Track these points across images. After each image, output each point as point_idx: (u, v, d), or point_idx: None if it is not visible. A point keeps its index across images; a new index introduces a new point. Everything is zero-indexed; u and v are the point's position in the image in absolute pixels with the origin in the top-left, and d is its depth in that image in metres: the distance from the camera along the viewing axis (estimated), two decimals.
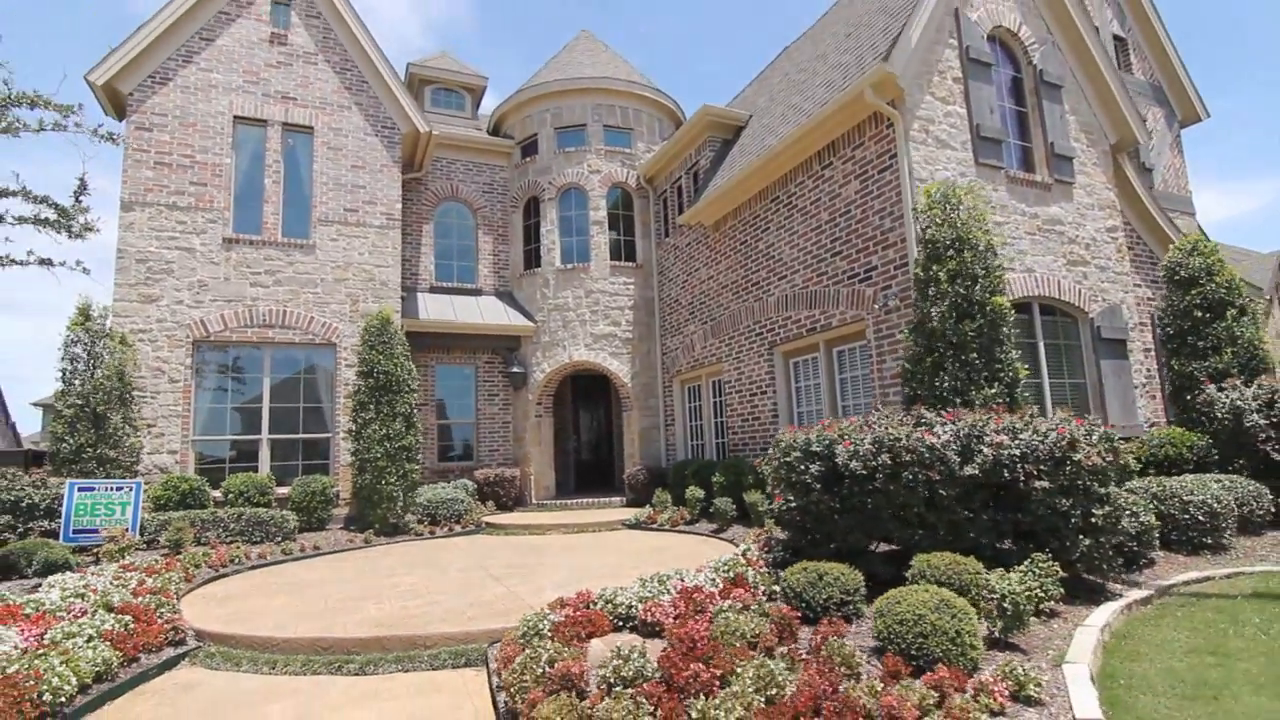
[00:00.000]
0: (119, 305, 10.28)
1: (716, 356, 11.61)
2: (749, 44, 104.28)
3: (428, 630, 4.89)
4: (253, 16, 11.75)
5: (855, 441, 5.00)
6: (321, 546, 9.21)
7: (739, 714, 2.86)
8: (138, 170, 10.62)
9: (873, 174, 8.23)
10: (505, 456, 13.79)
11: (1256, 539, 6.35)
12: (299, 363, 11.52)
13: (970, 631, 3.62)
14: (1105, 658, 4.10)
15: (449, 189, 14.39)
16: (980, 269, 6.09)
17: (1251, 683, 3.62)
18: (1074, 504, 4.81)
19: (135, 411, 9.80)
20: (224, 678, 4.62)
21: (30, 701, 3.69)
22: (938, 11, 8.24)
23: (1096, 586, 5.13)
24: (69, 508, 7.67)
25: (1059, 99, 9.11)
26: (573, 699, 3.18)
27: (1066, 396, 8.55)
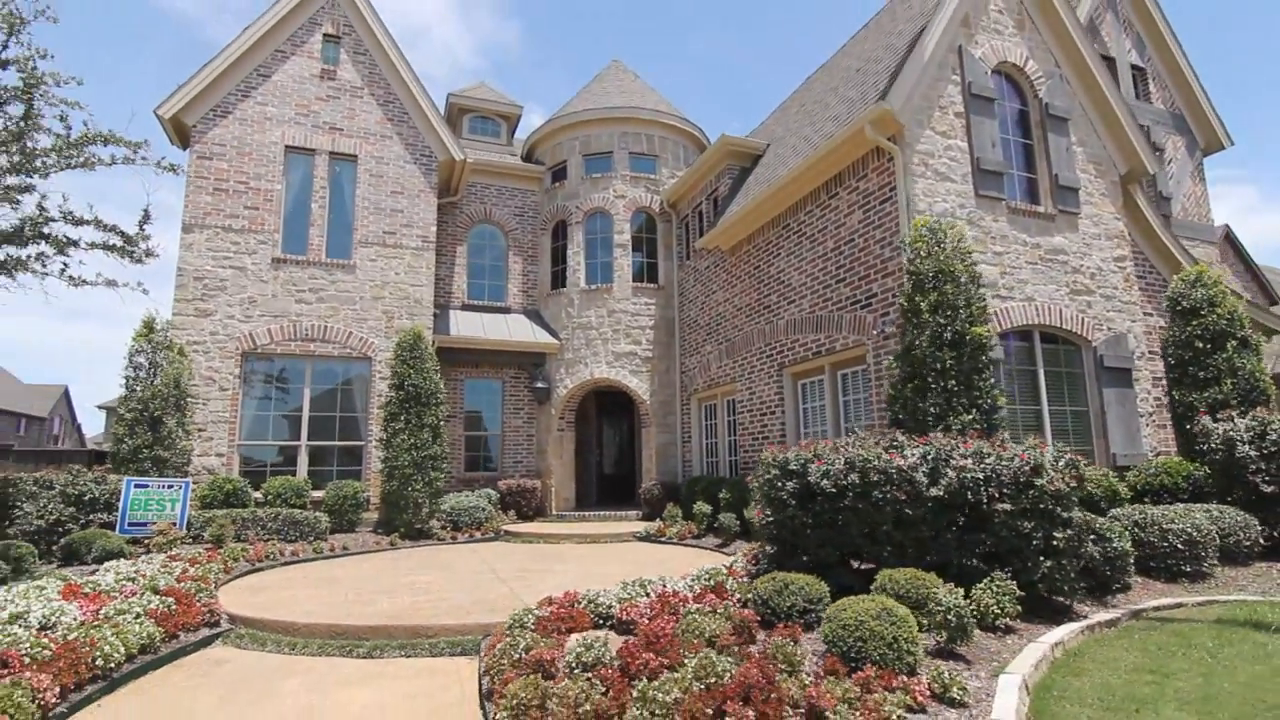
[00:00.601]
0: (177, 319, 11.23)
1: (730, 376, 11.98)
2: (793, 59, 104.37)
3: (430, 622, 5.39)
4: (305, 54, 12.75)
5: (828, 461, 5.34)
6: (350, 547, 9.85)
7: (675, 694, 3.26)
8: (198, 195, 11.62)
9: (874, 205, 8.57)
10: (528, 468, 14.35)
11: (1242, 569, 6.41)
12: (337, 375, 12.32)
13: (907, 638, 3.94)
14: (1049, 672, 4.34)
15: (482, 212, 15.16)
16: (961, 301, 6.37)
17: (1178, 699, 3.84)
18: (1036, 527, 5.06)
19: (188, 417, 10.67)
20: (251, 656, 5.20)
21: (85, 664, 4.31)
22: (939, 50, 8.57)
23: (1063, 608, 5.33)
24: (125, 502, 8.48)
25: (1065, 131, 9.30)
26: (538, 679, 3.62)
27: (1068, 424, 8.66)
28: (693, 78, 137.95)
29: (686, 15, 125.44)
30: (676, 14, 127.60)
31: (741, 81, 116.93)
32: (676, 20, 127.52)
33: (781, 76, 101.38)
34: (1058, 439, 8.54)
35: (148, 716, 4.07)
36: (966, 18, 8.99)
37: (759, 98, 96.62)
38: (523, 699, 3.48)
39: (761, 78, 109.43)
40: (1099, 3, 11.89)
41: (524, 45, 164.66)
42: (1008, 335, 8.39)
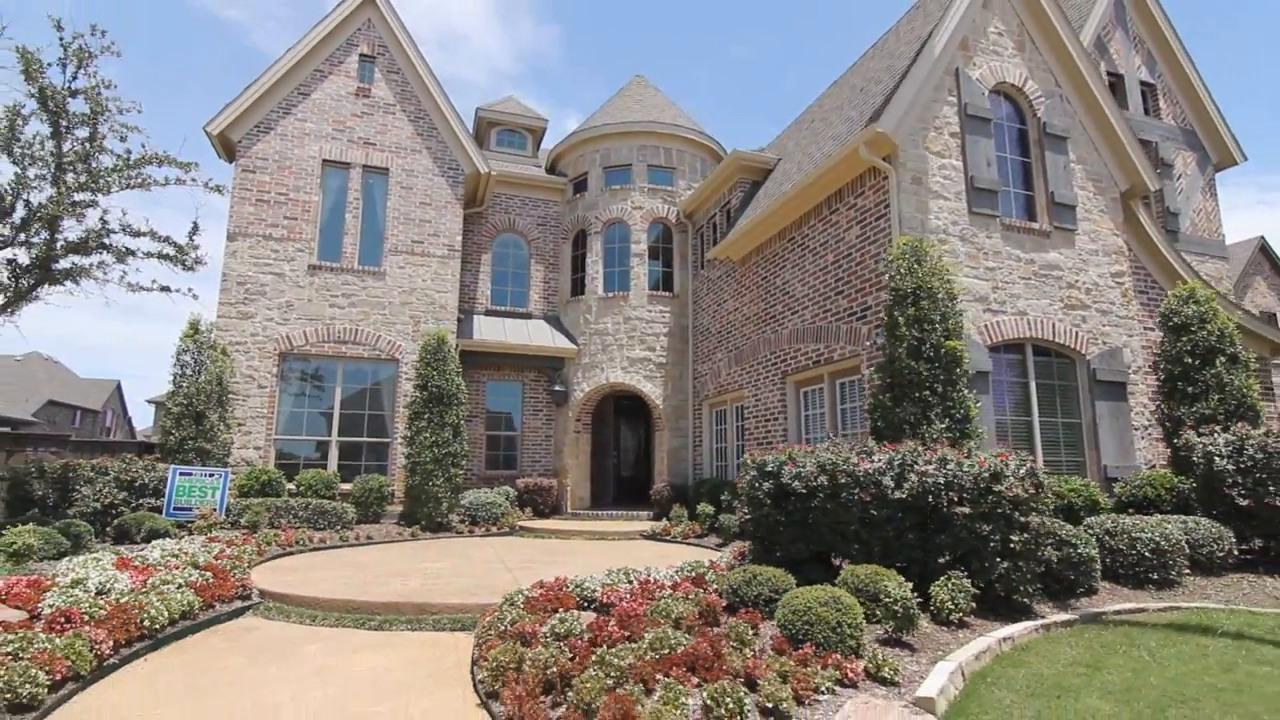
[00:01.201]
0: (221, 321, 12.09)
1: (739, 383, 12.38)
2: (829, 61, 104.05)
3: (436, 601, 5.96)
4: (343, 73, 13.58)
5: (799, 464, 5.76)
6: (374, 537, 10.53)
7: (630, 660, 3.74)
8: (242, 206, 12.49)
9: (870, 221, 8.94)
10: (545, 468, 14.94)
11: (1213, 579, 6.62)
12: (366, 375, 13.08)
13: (851, 624, 4.35)
14: (991, 662, 4.69)
15: (507, 222, 15.84)
16: (938, 316, 6.71)
17: (1102, 689, 4.18)
18: (994, 530, 5.40)
19: (229, 412, 11.50)
20: (277, 625, 5.84)
21: (134, 624, 4.97)
22: (935, 72, 8.90)
23: (1023, 607, 5.64)
24: (171, 489, 9.27)
25: (1063, 149, 9.53)
26: (517, 645, 4.14)
27: (1059, 435, 8.89)
28: (734, 81, 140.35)
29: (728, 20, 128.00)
30: (718, 19, 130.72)
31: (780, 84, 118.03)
32: (718, 24, 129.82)
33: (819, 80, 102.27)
34: (1049, 450, 8.78)
35: (187, 671, 4.70)
36: (965, 40, 9.30)
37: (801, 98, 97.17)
38: (502, 661, 4.01)
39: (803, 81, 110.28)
40: (1108, 20, 12.03)
41: (563, 50, 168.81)
42: (999, 348, 8.66)
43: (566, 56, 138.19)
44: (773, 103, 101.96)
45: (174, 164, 8.19)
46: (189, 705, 4.09)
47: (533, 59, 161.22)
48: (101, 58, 7.68)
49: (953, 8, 9.03)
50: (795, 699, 3.58)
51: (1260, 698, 4.01)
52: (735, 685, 3.48)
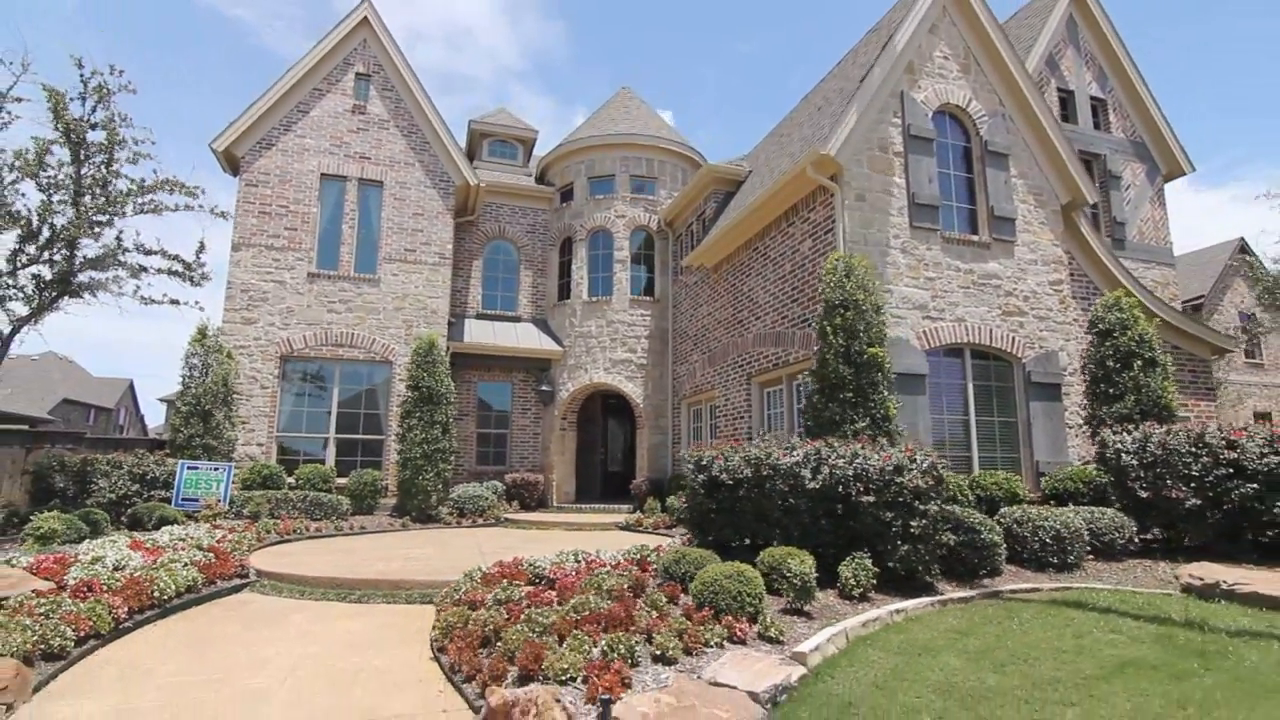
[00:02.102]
0: (226, 326, 12.95)
1: (711, 384, 13.12)
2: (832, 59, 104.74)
3: (409, 579, 6.76)
4: (340, 91, 14.40)
5: (726, 458, 6.51)
6: (367, 527, 11.35)
7: (553, 619, 4.51)
8: (245, 218, 13.34)
9: (820, 235, 9.65)
10: (533, 463, 15.73)
11: (1113, 564, 7.31)
12: (362, 377, 13.90)
13: (751, 593, 5.09)
14: (879, 629, 5.42)
15: (497, 230, 16.63)
16: (861, 325, 7.41)
17: (961, 650, 4.91)
18: (895, 516, 6.13)
19: (234, 411, 12.34)
20: (270, 599, 6.64)
21: (146, 595, 5.77)
22: (880, 96, 9.60)
23: (926, 585, 6.37)
24: (179, 481, 10.12)
25: (1004, 166, 10.20)
26: (465, 609, 4.92)
27: (995, 433, 9.58)
28: (739, 78, 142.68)
29: (733, 16, 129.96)
30: (722, 15, 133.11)
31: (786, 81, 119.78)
32: (722, 21, 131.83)
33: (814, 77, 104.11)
34: (985, 446, 9.49)
35: (190, 633, 5.51)
36: (911, 65, 9.99)
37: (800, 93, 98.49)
38: (451, 622, 4.79)
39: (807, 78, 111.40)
40: (1060, 39, 12.66)
41: (568, 47, 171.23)
42: (937, 352, 9.36)
43: (572, 53, 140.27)
44: (778, 100, 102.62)
45: (182, 190, 9.03)
46: (191, 658, 4.89)
47: (538, 55, 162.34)
48: (117, 94, 8.53)
49: (897, 35, 9.72)
50: (685, 650, 4.34)
51: (1094, 658, 4.72)
52: (630, 636, 4.24)
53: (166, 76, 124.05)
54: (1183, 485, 7.25)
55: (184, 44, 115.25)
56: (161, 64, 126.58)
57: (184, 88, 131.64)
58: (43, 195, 8.29)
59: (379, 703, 4.12)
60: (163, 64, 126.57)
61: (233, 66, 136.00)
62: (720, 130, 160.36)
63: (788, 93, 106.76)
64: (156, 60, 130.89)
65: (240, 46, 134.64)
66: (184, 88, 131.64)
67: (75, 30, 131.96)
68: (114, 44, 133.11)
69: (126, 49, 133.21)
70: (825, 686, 4.18)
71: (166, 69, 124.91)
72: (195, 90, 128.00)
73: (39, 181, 8.28)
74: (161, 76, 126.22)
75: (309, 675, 4.57)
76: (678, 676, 4.02)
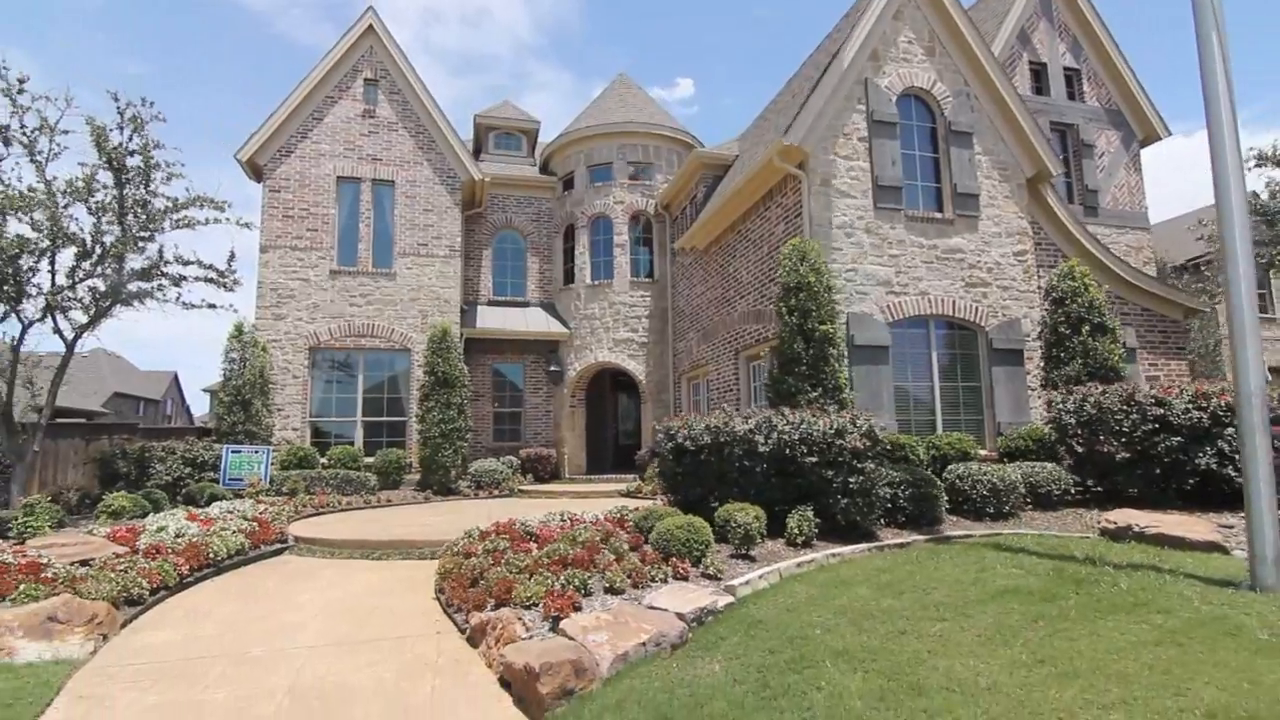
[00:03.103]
0: (259, 322, 14.16)
1: (706, 359, 13.97)
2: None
3: (422, 539, 7.85)
4: (350, 98, 15.35)
5: (690, 427, 7.41)
6: (392, 500, 12.55)
7: (526, 562, 5.51)
8: (271, 222, 14.47)
9: (791, 218, 10.37)
10: (546, 439, 16.82)
11: (1048, 513, 8.07)
12: (384, 364, 15.06)
13: (700, 541, 6.02)
14: (813, 570, 6.32)
15: (504, 220, 17.55)
16: (813, 305, 8.17)
17: (874, 583, 5.78)
18: (836, 474, 6.98)
19: (270, 399, 13.60)
20: (304, 559, 7.80)
21: (202, 556, 6.94)
22: (845, 84, 10.20)
23: (868, 533, 7.23)
24: (225, 464, 11.39)
25: (968, 144, 10.74)
26: (459, 558, 5.95)
27: (960, 397, 10.30)
28: (755, 43, 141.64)
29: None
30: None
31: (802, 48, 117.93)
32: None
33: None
34: (949, 410, 10.22)
35: (240, 586, 6.67)
36: (875, 52, 10.54)
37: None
38: (448, 568, 5.83)
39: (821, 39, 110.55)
40: (1032, 13, 12.96)
41: (584, 19, 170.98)
42: (902, 324, 10.07)
43: (588, 27, 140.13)
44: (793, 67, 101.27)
45: (212, 204, 10.14)
46: (241, 602, 6.03)
47: (554, 29, 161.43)
48: (149, 123, 9.64)
49: (859, 25, 10.27)
50: (634, 584, 5.30)
51: (985, 588, 5.53)
52: (587, 573, 5.23)
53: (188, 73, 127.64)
54: (1114, 440, 7.94)
55: (203, 38, 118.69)
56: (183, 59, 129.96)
57: (206, 82, 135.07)
58: (93, 218, 9.49)
59: (389, 629, 5.19)
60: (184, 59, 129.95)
61: (251, 58, 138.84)
62: (741, 96, 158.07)
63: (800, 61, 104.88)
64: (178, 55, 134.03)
65: (258, 36, 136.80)
66: (206, 82, 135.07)
67: (100, 29, 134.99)
68: (135, 41, 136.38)
69: (148, 46, 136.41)
70: (745, 610, 5.12)
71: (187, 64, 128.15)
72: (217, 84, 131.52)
73: (89, 205, 9.47)
74: (183, 72, 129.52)
75: (335, 613, 5.66)
76: (621, 603, 4.99)
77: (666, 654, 4.37)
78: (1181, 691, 3.47)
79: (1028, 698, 3.52)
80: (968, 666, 3.95)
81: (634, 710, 3.59)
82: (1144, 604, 4.93)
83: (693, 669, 4.11)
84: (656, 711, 3.56)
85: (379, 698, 3.98)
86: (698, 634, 4.72)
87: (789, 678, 3.91)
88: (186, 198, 10.02)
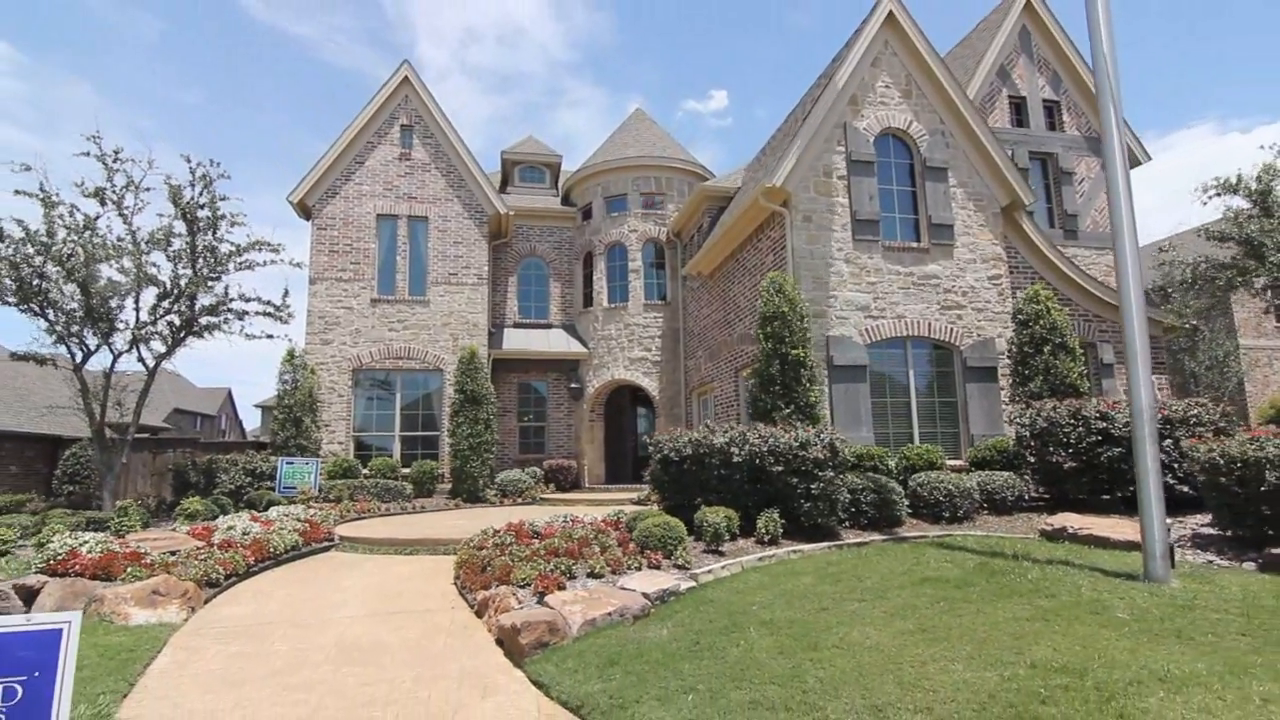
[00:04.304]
0: (308, 347, 15.78)
1: (711, 376, 15.05)
2: None
3: (446, 536, 9.11)
4: (388, 142, 16.98)
5: (675, 440, 8.52)
6: (426, 507, 13.90)
7: (526, 553, 6.69)
8: (319, 256, 16.12)
9: (778, 250, 11.44)
10: (567, 450, 18.06)
11: (1002, 517, 8.92)
12: (419, 383, 16.53)
13: (674, 537, 7.11)
14: (773, 563, 7.33)
15: (529, 248, 18.97)
16: (786, 332, 9.21)
17: (819, 573, 6.78)
18: (800, 481, 8.00)
19: (318, 416, 15.14)
20: (348, 555, 9.14)
21: (265, 550, 8.31)
22: (825, 128, 11.26)
23: (832, 533, 8.22)
24: (280, 474, 12.90)
25: (943, 179, 11.67)
26: (474, 550, 7.17)
27: (936, 411, 11.17)
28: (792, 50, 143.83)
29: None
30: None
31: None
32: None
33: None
34: (926, 423, 11.10)
35: (296, 574, 8.01)
36: (854, 97, 11.58)
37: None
38: (463, 558, 7.06)
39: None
40: (1012, 50, 13.81)
41: (616, 33, 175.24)
42: (880, 345, 11.02)
43: (621, 40, 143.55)
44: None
45: (269, 248, 11.75)
46: (297, 587, 7.35)
47: (587, 45, 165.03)
48: (216, 180, 11.32)
49: (837, 75, 11.33)
50: (612, 571, 6.44)
51: (911, 577, 6.48)
52: (574, 562, 6.38)
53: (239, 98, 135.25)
54: (1062, 450, 8.77)
55: (246, 64, 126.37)
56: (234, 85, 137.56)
57: (256, 106, 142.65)
58: (170, 264, 11.17)
59: (414, 605, 6.42)
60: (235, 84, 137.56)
61: (298, 84, 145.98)
62: (775, 106, 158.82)
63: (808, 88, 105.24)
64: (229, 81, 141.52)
65: (303, 61, 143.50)
66: (256, 106, 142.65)
67: (158, 59, 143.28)
68: (190, 71, 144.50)
69: (203, 74, 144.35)
70: (703, 593, 6.20)
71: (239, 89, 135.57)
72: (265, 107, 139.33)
73: (167, 253, 11.14)
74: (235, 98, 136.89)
75: (372, 593, 6.93)
76: (599, 584, 6.13)
77: (629, 623, 5.48)
78: (1022, 651, 4.44)
79: (898, 654, 4.52)
80: (863, 633, 4.97)
81: (591, 657, 4.73)
82: (1038, 591, 5.86)
83: (645, 632, 5.22)
84: (607, 657, 4.69)
85: (403, 649, 5.20)
86: (658, 609, 5.82)
87: (718, 639, 4.99)
88: (247, 242, 11.66)
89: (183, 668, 4.94)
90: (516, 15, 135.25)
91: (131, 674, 4.68)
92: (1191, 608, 5.28)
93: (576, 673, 4.47)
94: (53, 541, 7.17)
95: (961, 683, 4.00)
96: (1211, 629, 4.82)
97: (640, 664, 4.57)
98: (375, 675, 4.67)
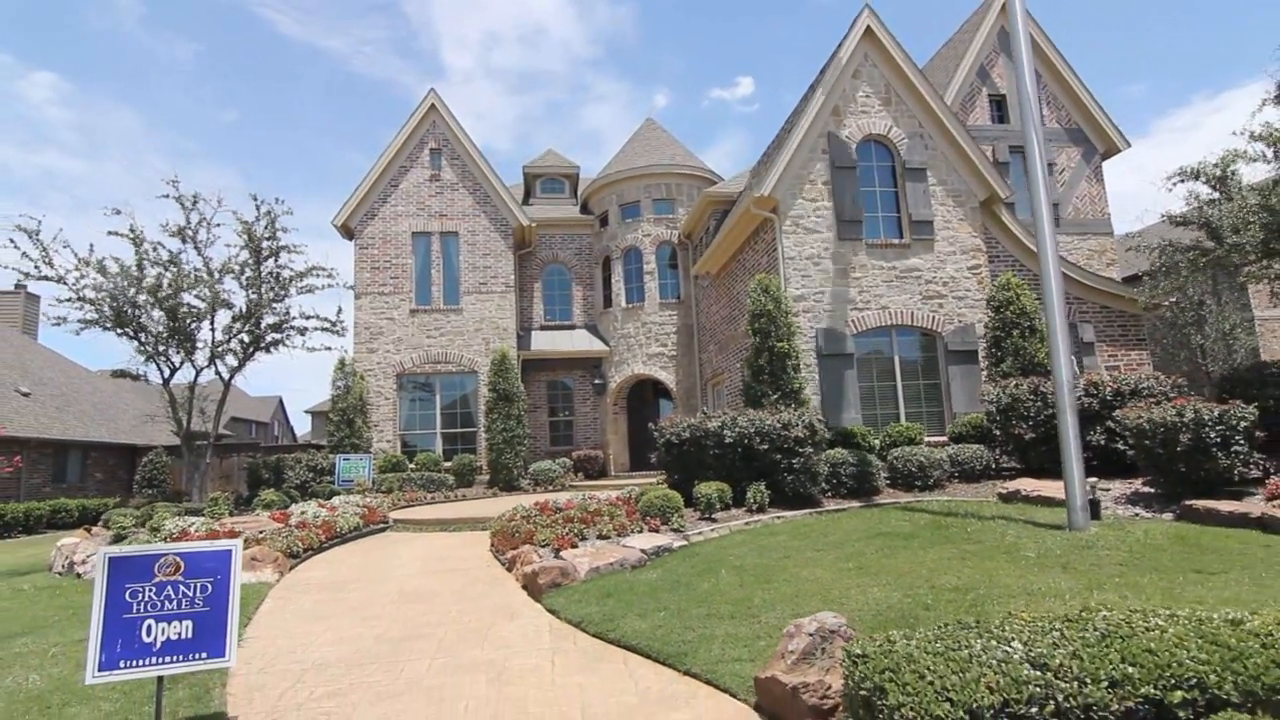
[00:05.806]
0: (356, 355, 17.49)
1: (721, 368, 16.27)
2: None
3: (483, 515, 10.59)
4: (419, 165, 18.58)
5: (675, 425, 9.80)
6: (466, 495, 15.47)
7: (546, 522, 8.07)
8: (362, 273, 17.81)
9: (771, 251, 12.60)
10: (594, 442, 19.49)
11: (971, 485, 9.97)
12: (457, 384, 18.12)
13: (673, 507, 8.40)
14: (759, 527, 8.57)
15: (551, 255, 20.41)
16: (772, 328, 10.39)
17: (792, 533, 8.00)
18: (783, 457, 9.21)
19: (368, 417, 16.84)
20: (401, 533, 10.69)
21: (333, 530, 9.89)
22: (811, 136, 12.36)
23: (815, 501, 9.41)
24: (338, 469, 14.61)
25: (922, 179, 12.66)
26: (505, 523, 8.60)
27: (920, 393, 12.22)
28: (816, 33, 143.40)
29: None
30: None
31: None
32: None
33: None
34: (911, 404, 12.16)
35: (359, 549, 9.56)
36: (836, 108, 12.65)
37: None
38: (497, 529, 8.50)
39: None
40: (991, 50, 14.63)
41: (638, 25, 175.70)
42: (866, 334, 12.11)
43: (643, 32, 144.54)
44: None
45: (325, 274, 13.44)
46: (361, 556, 8.89)
47: (609, 39, 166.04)
48: (280, 216, 13.03)
49: (820, 87, 12.41)
50: (617, 534, 7.78)
51: (868, 532, 7.65)
52: (585, 526, 7.75)
53: (276, 112, 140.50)
54: (1023, 424, 9.79)
55: (279, 77, 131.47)
56: (270, 100, 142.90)
57: (292, 121, 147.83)
58: (242, 290, 12.94)
59: (457, 565, 7.87)
60: (271, 100, 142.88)
61: (331, 97, 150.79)
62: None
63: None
64: (266, 97, 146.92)
65: (335, 73, 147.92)
66: (292, 121, 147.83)
67: (196, 82, 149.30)
68: (228, 90, 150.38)
69: (239, 92, 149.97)
70: (692, 549, 7.49)
71: (276, 104, 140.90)
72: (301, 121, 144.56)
73: (240, 280, 12.90)
74: (272, 112, 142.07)
75: (423, 559, 8.41)
76: (605, 543, 7.48)
77: (628, 571, 6.81)
78: (932, 580, 5.61)
79: (832, 583, 5.75)
80: (811, 572, 6.20)
81: (593, 592, 6.07)
82: (970, 539, 7.02)
83: (638, 576, 6.55)
84: (605, 592, 6.02)
85: (449, 594, 6.63)
86: (653, 561, 7.13)
87: (694, 579, 6.28)
88: (305, 267, 13.36)
89: (283, 608, 6.46)
90: (537, 14, 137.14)
91: (248, 613, 6.21)
92: (1091, 547, 6.38)
93: (580, 603, 5.82)
94: (167, 523, 8.83)
95: (873, 600, 5.22)
96: (1096, 561, 5.95)
97: (629, 595, 5.90)
98: (428, 609, 6.11)
